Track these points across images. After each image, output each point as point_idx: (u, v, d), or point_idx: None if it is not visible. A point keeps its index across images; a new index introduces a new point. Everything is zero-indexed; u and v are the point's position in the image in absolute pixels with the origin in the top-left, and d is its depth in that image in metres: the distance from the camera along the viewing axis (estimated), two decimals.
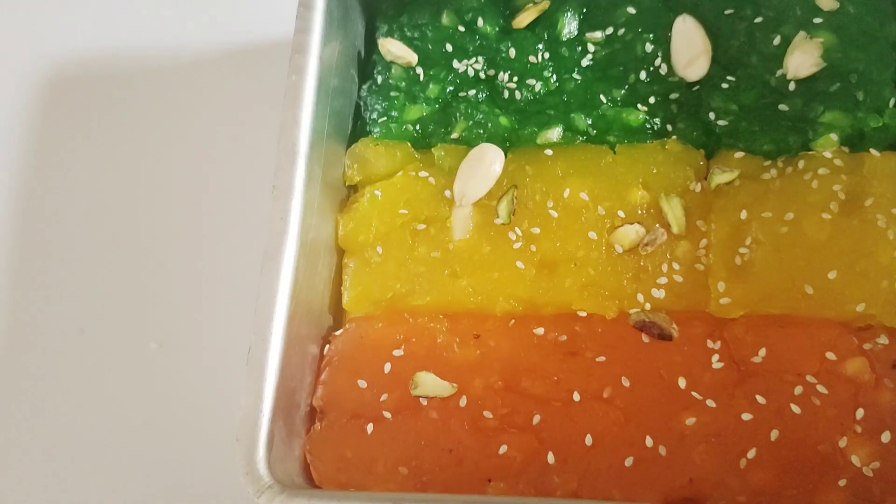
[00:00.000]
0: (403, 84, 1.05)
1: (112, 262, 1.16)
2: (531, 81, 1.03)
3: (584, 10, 1.05)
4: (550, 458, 0.87)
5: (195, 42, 1.26)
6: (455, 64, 1.05)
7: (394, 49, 1.05)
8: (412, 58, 1.05)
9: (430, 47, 1.06)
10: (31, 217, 1.20)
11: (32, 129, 1.24)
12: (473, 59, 1.05)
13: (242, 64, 1.24)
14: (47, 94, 1.26)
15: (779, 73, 0.99)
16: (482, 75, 1.05)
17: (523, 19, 1.05)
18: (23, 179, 1.22)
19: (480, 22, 1.06)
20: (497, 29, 1.06)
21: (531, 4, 1.06)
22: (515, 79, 1.04)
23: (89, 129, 1.24)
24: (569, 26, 1.05)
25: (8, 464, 1.09)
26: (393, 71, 1.06)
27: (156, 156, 1.21)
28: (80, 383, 1.11)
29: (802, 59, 0.97)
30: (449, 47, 1.05)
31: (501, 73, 1.04)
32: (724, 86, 1.00)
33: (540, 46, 1.04)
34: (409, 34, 1.07)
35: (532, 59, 1.04)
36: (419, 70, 1.05)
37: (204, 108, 1.22)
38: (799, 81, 0.98)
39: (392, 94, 1.05)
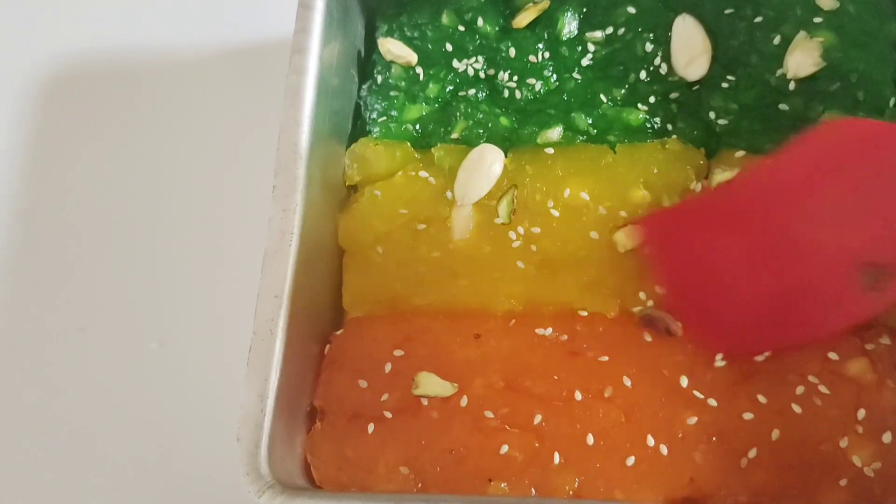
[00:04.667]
0: (403, 84, 1.05)
1: (112, 261, 1.16)
2: (531, 81, 1.03)
3: (584, 10, 1.05)
4: (551, 457, 0.87)
5: (194, 42, 1.26)
6: (455, 63, 1.05)
7: (393, 49, 1.05)
8: (412, 57, 1.05)
9: (429, 47, 1.06)
10: (31, 215, 1.20)
11: (32, 128, 1.24)
12: (473, 59, 1.05)
13: (242, 63, 1.24)
14: (46, 93, 1.26)
15: (779, 72, 0.98)
16: (482, 75, 1.05)
17: (523, 19, 1.05)
18: (23, 178, 1.22)
19: (480, 21, 1.06)
20: (497, 28, 1.06)
21: (531, 4, 1.06)
22: (515, 78, 1.03)
23: (89, 129, 1.23)
24: (569, 26, 1.05)
25: (7, 463, 1.08)
26: (393, 70, 1.06)
27: (156, 155, 1.21)
28: (80, 382, 1.10)
29: (802, 58, 0.97)
30: (449, 47, 1.05)
31: (501, 72, 1.04)
32: (725, 85, 1.00)
33: (540, 46, 1.04)
34: (408, 34, 1.07)
35: (532, 58, 1.03)
36: (419, 70, 1.05)
37: (204, 107, 1.22)
38: (799, 81, 0.97)
39: (392, 93, 1.05)
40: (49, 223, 1.19)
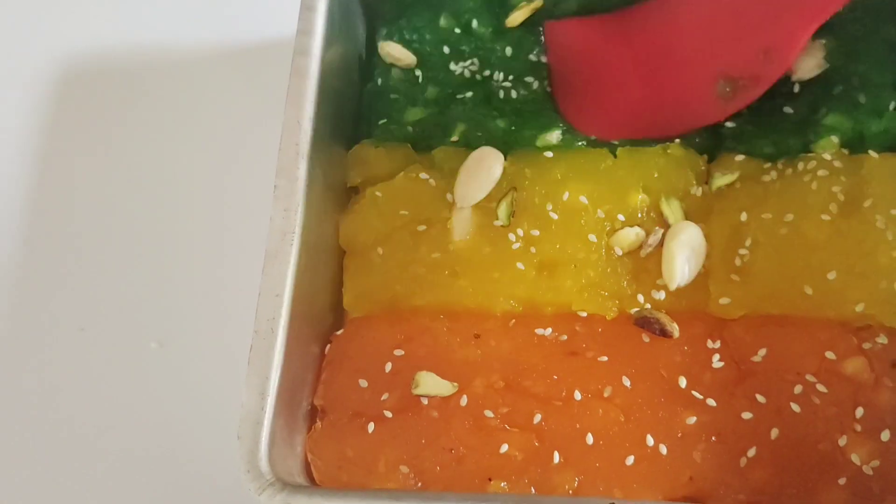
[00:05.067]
0: (403, 86, 1.06)
1: (112, 261, 1.16)
2: (529, 79, 1.03)
3: (581, 9, 1.06)
4: (551, 456, 0.87)
5: (197, 41, 1.27)
6: (452, 66, 1.06)
7: (393, 52, 1.06)
8: (411, 60, 1.06)
9: (428, 49, 1.06)
10: (31, 215, 1.20)
11: (31, 128, 1.25)
12: (470, 62, 1.06)
13: (244, 63, 1.24)
14: (49, 93, 1.27)
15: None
16: (479, 77, 1.05)
17: (515, 18, 1.06)
18: (22, 178, 1.22)
19: (475, 23, 1.07)
20: (491, 29, 1.07)
21: (524, 3, 1.06)
22: (511, 78, 1.04)
23: (89, 128, 1.24)
24: None
25: (6, 463, 1.08)
26: (393, 73, 1.06)
27: (157, 155, 1.21)
28: (80, 382, 1.11)
29: (807, 60, 0.98)
30: (446, 49, 1.06)
31: (497, 73, 1.04)
32: None
33: (537, 45, 1.05)
34: (408, 37, 1.07)
35: (532, 56, 1.04)
36: (418, 72, 1.06)
37: (205, 107, 1.23)
38: (803, 83, 0.98)
39: (392, 96, 1.05)
40: (48, 223, 1.19)
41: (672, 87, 0.96)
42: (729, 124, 0.99)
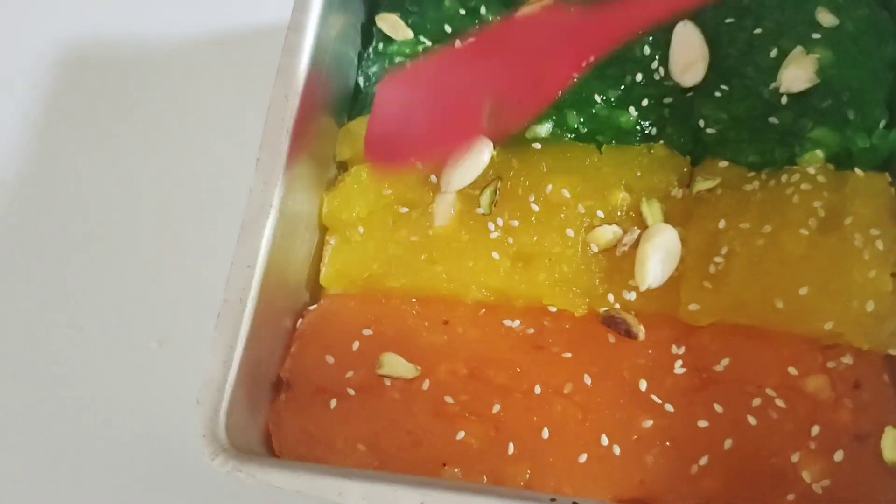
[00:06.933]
0: (401, 63, 1.06)
1: (112, 260, 1.16)
2: None
3: None
4: (506, 447, 0.88)
5: (193, 27, 1.26)
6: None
7: (392, 28, 1.05)
8: (408, 35, 1.05)
9: (428, 27, 1.06)
10: (30, 213, 1.20)
11: (27, 123, 1.25)
12: None
13: (242, 50, 1.24)
14: (41, 85, 1.27)
15: (772, 85, 0.98)
16: None
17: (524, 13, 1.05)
18: (21, 175, 1.22)
19: (483, 9, 1.06)
20: (498, 18, 1.06)
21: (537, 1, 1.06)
22: None
23: (87, 124, 1.24)
24: None
25: (5, 463, 1.09)
26: (391, 50, 1.06)
27: (156, 152, 1.21)
28: (79, 382, 1.11)
29: (797, 73, 0.97)
30: (448, 29, 1.06)
31: None
32: (717, 94, 0.99)
33: None
34: (409, 13, 1.07)
35: None
36: (420, 48, 1.05)
37: (203, 100, 1.23)
38: (791, 96, 0.97)
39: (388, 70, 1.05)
40: (47, 223, 1.19)
41: (449, 112, 0.96)
42: (710, 130, 0.98)
